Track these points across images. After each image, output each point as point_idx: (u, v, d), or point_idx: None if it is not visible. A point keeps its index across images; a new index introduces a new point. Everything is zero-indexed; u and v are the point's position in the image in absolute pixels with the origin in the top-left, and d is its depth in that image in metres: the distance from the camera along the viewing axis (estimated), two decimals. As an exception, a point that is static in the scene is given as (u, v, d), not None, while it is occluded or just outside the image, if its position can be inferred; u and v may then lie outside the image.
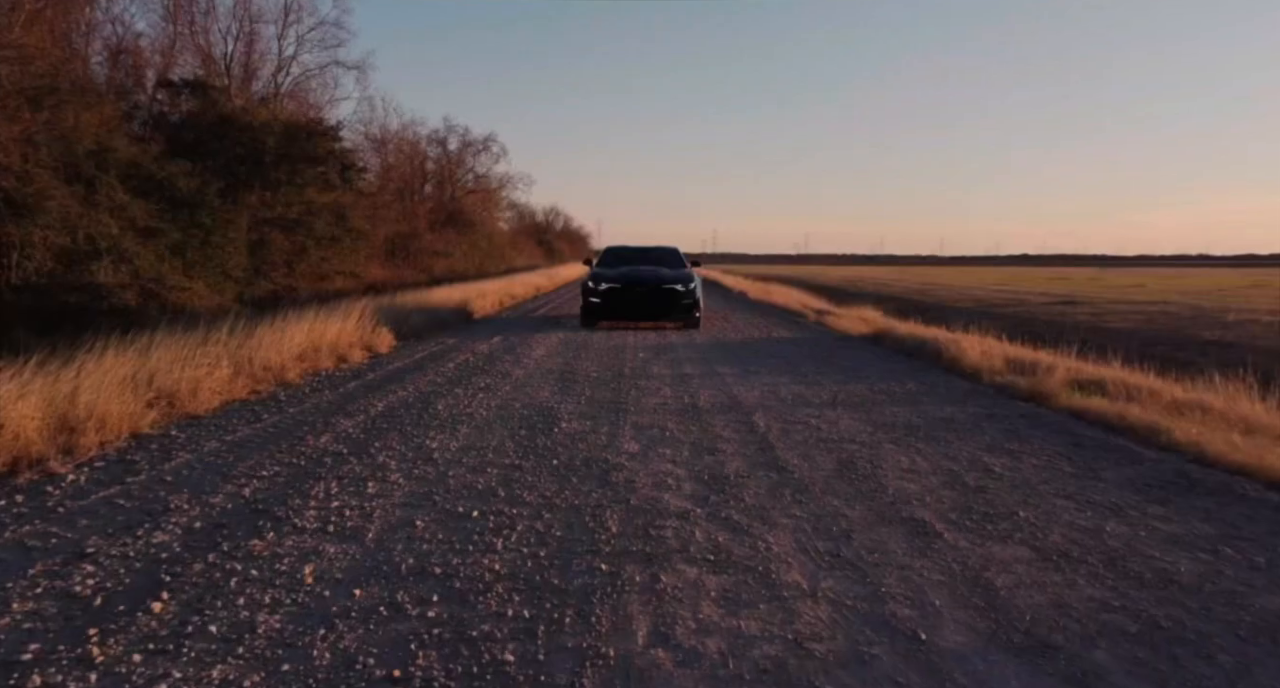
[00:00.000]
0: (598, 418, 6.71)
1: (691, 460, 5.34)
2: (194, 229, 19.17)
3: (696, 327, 14.84)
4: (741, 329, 15.12)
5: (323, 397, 7.59)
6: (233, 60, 31.88)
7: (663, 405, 7.30)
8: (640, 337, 13.26)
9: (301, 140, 23.22)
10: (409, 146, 50.76)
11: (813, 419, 6.75)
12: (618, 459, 5.33)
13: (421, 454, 5.38)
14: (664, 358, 10.63)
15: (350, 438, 5.82)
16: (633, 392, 8.01)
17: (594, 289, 14.65)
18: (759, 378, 9.02)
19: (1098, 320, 23.96)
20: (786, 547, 3.74)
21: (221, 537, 3.71)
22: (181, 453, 5.31)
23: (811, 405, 7.40)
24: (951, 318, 21.98)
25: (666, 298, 14.54)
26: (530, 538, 3.81)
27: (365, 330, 11.70)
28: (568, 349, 11.53)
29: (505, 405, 7.23)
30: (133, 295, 16.22)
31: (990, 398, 7.97)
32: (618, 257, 16.28)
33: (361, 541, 3.72)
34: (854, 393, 8.09)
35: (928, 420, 6.76)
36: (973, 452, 5.66)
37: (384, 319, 13.19)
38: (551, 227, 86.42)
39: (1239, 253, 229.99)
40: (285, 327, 10.23)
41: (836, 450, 5.65)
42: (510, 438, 5.92)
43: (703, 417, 6.80)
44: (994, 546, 3.76)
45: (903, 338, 12.34)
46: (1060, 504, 4.42)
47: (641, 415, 6.83)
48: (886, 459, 5.41)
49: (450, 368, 9.61)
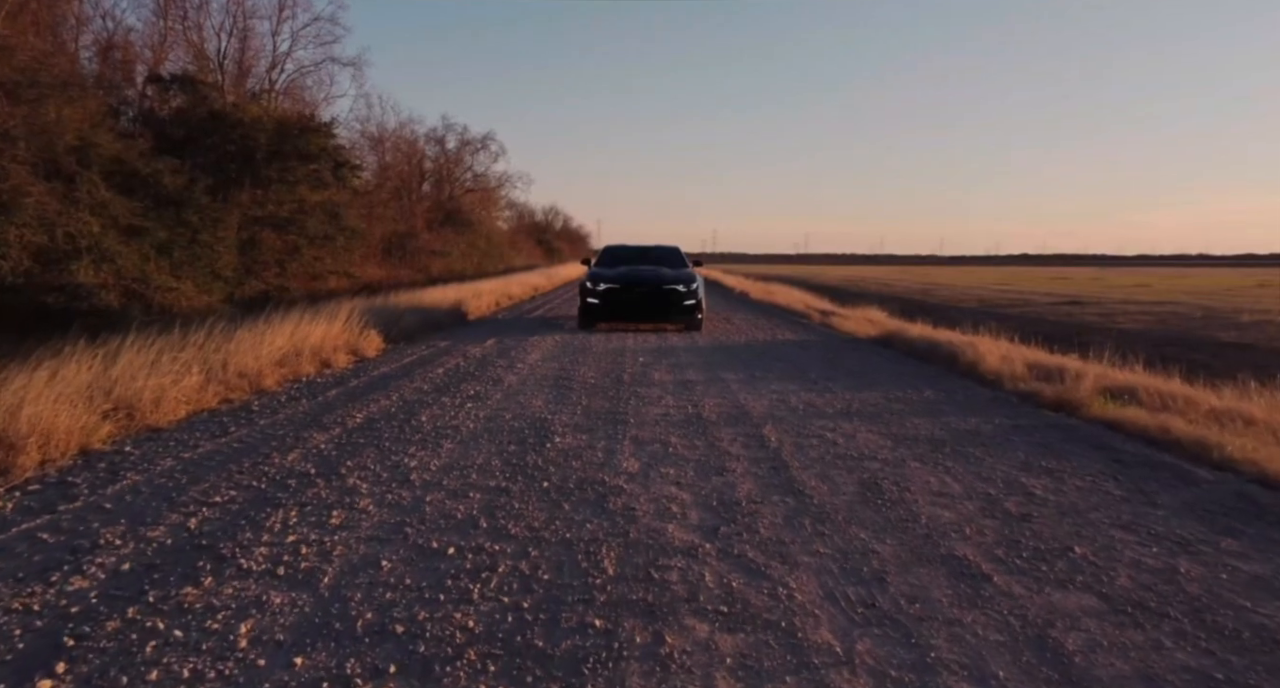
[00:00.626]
0: (594, 431, 6.17)
1: (698, 482, 4.80)
2: (181, 228, 18.64)
3: (699, 329, 14.31)
4: (745, 331, 14.58)
5: (299, 407, 7.05)
6: (226, 57, 31.33)
7: (665, 417, 6.76)
8: (640, 339, 12.72)
9: (294, 137, 22.66)
10: (407, 145, 50.25)
11: (827, 432, 6.22)
12: (615, 481, 4.79)
13: (398, 475, 4.84)
14: (665, 362, 10.09)
15: (321, 456, 5.28)
16: (632, 401, 7.48)
17: (592, 289, 14.12)
18: (766, 385, 8.48)
19: (1107, 321, 23.43)
20: (812, 594, 3.20)
21: (151, 583, 3.17)
22: (130, 474, 4.77)
23: (825, 416, 6.87)
24: (956, 319, 21.48)
25: (667, 299, 14.00)
26: (513, 583, 3.27)
27: (352, 333, 11.16)
28: (564, 353, 10.99)
29: (495, 417, 6.69)
30: (115, 296, 15.69)
31: (1014, 407, 7.43)
32: (617, 256, 15.75)
33: (315, 587, 3.18)
34: (869, 402, 7.56)
35: (952, 433, 6.22)
36: (1007, 471, 5.12)
37: (374, 321, 12.65)
38: (551, 226, 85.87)
39: (1239, 253, 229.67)
40: (267, 330, 9.71)
41: (857, 470, 5.11)
42: (498, 455, 5.38)
43: (708, 430, 6.26)
44: (1054, 593, 3.22)
45: (914, 341, 11.80)
46: (1119, 537, 3.89)
47: (642, 428, 6.29)
48: (913, 480, 4.87)
49: (439, 374, 9.07)
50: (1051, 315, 25.65)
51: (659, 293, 13.99)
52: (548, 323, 16.22)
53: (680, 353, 11.12)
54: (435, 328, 14.63)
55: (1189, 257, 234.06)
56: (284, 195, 23.25)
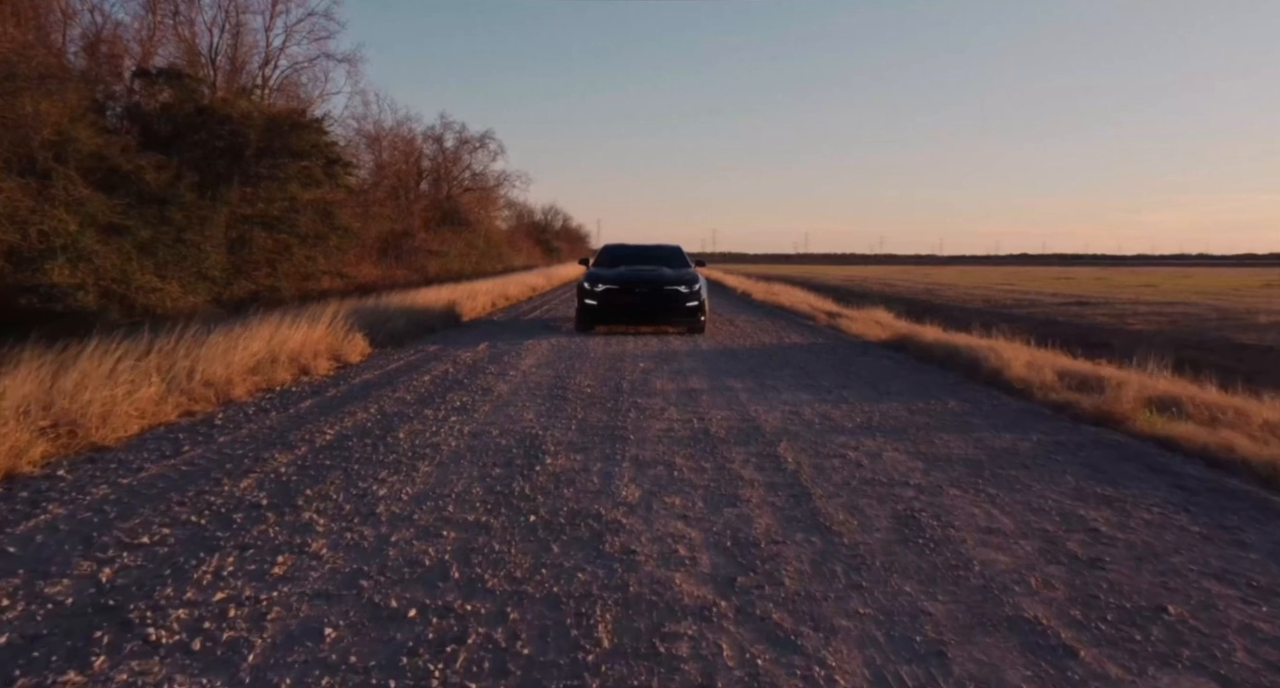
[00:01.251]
0: (590, 450, 5.54)
1: (708, 515, 4.17)
2: (165, 226, 18.00)
3: (701, 331, 13.67)
4: (750, 334, 13.95)
5: (266, 421, 6.41)
6: (218, 52, 30.73)
7: (668, 432, 6.13)
8: (641, 343, 12.09)
9: (284, 133, 22.02)
10: (404, 143, 49.70)
11: (849, 451, 5.58)
12: (613, 514, 4.16)
13: (362, 507, 4.21)
14: (667, 369, 9.46)
15: (279, 482, 4.65)
16: (632, 413, 6.84)
17: (590, 290, 13.49)
18: (777, 394, 7.85)
19: (1119, 322, 22.81)
20: (857, 677, 2.57)
21: (24, 667, 2.53)
22: (53, 506, 4.13)
23: (844, 431, 6.23)
24: (964, 320, 20.93)
25: (669, 300, 13.37)
26: (484, 660, 2.64)
27: (336, 337, 10.53)
28: (560, 358, 10.36)
29: (481, 433, 6.05)
30: (93, 297, 15.06)
31: (1050, 421, 6.79)
32: (616, 255, 15.12)
33: (234, 669, 2.54)
34: (890, 415, 6.92)
35: (988, 453, 5.59)
36: (1060, 500, 4.49)
37: (361, 323, 12.03)
38: (550, 226, 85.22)
39: (1238, 253, 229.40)
40: (244, 334, 9.08)
41: (889, 498, 4.48)
42: (480, 481, 4.75)
43: (717, 448, 5.62)
44: (1162, 678, 2.59)
45: (929, 345, 11.17)
46: (1216, 592, 3.25)
47: (643, 447, 5.65)
48: (956, 512, 4.24)
49: (425, 382, 8.44)
50: (1061, 316, 25.03)
51: (660, 294, 13.37)
52: (545, 325, 15.59)
53: (683, 358, 10.49)
54: (426, 331, 14.00)
55: (1189, 256, 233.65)
56: (274, 193, 22.60)
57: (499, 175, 58.80)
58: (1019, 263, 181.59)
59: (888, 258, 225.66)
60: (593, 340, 12.45)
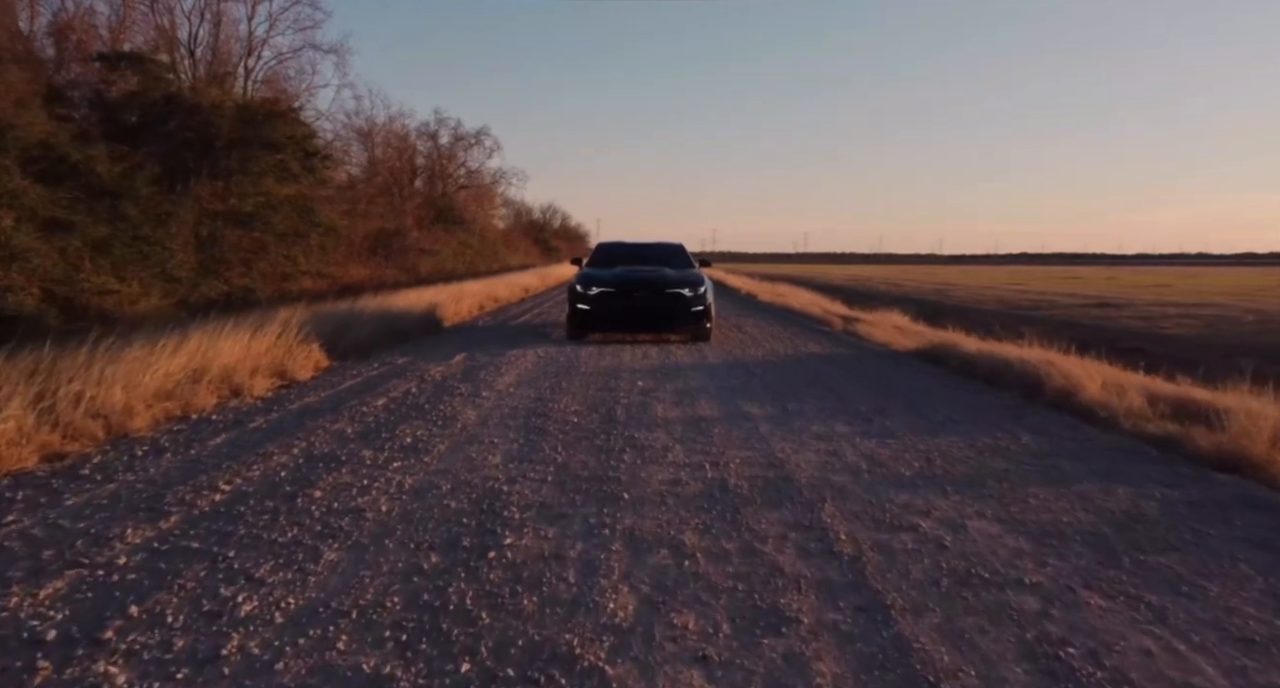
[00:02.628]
0: (569, 519, 4.07)
1: (741, 656, 2.69)
2: (121, 223, 16.53)
3: (707, 339, 12.19)
4: (760, 342, 12.47)
5: (151, 468, 4.93)
6: (198, 42, 29.26)
7: (674, 486, 4.66)
8: (639, 354, 10.62)
9: (257, 124, 20.55)
10: (398, 140, 48.33)
11: (920, 518, 4.11)
12: (591, 653, 2.68)
13: (207, 639, 2.73)
14: (670, 388, 7.99)
15: (103, 586, 3.16)
16: (628, 455, 5.37)
17: (583, 293, 12.01)
18: (805, 423, 6.38)
19: (1151, 326, 21.34)
20: None
21: None
22: None
23: (903, 483, 4.76)
24: (983, 322, 19.58)
25: (671, 304, 11.89)
26: None
27: (285, 349, 9.06)
28: (546, 374, 8.88)
29: (426, 488, 4.57)
30: (32, 300, 13.59)
31: (1162, 465, 5.31)
32: (612, 254, 13.64)
33: None
34: (954, 455, 5.45)
35: (1110, 521, 4.11)
36: (1261, 615, 3.02)
37: (325, 330, 10.58)
38: (549, 225, 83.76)
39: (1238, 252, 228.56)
40: (171, 345, 7.63)
41: (1005, 618, 3.00)
42: (402, 581, 3.27)
43: (741, 515, 4.15)
44: None
45: (971, 357, 9.68)
46: None
47: (641, 512, 4.18)
48: (1120, 648, 2.76)
49: (377, 407, 6.97)
50: (1085, 319, 23.57)
51: (661, 297, 11.89)
52: (533, 331, 14.11)
53: (688, 373, 9.01)
54: (400, 338, 12.52)
55: (1188, 255, 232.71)
56: (247, 188, 21.14)
57: (495, 173, 57.42)
58: (1020, 262, 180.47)
59: (887, 257, 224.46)
60: (585, 350, 10.97)
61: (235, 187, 20.94)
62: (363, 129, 43.48)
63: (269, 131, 20.37)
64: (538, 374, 8.88)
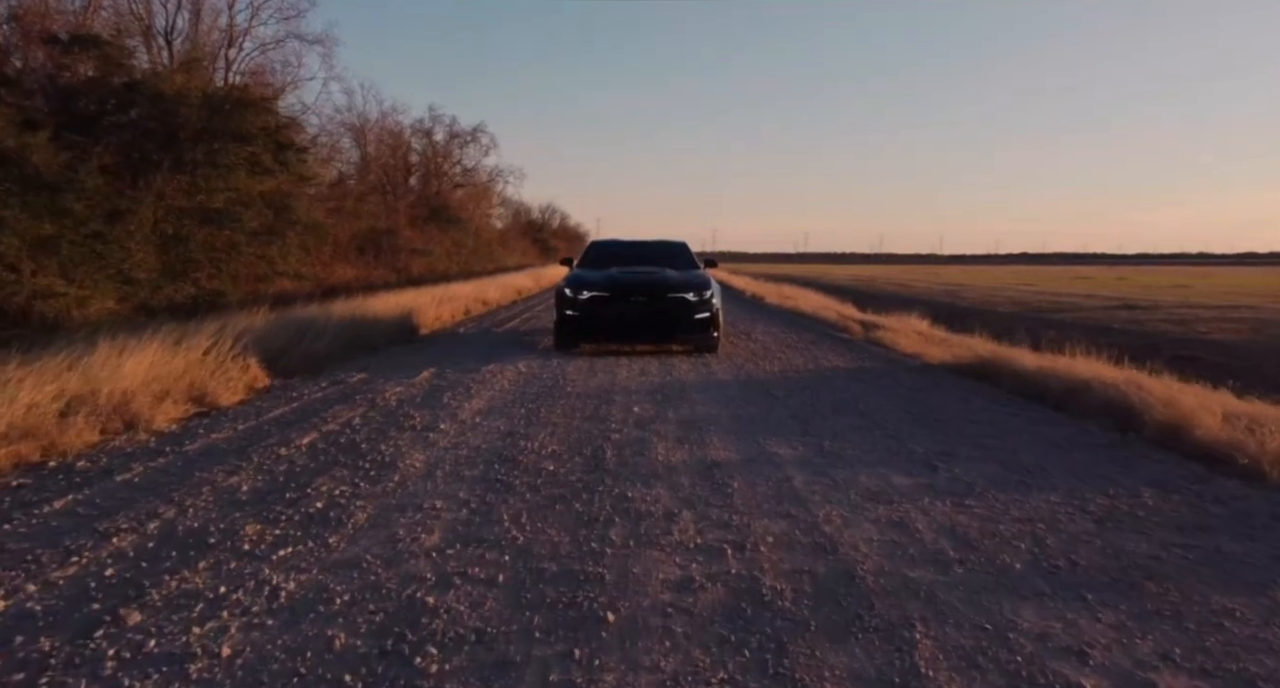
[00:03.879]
0: (517, 671, 2.54)
1: None
2: (65, 219, 14.98)
3: (714, 351, 10.67)
4: (775, 353, 10.93)
5: (-76, 561, 3.40)
6: (176, 33, 27.75)
7: (681, 593, 3.12)
8: (637, 369, 9.09)
9: (225, 113, 18.99)
10: (392, 137, 46.82)
11: (1077, 671, 2.58)
12: None
13: None
14: (673, 416, 6.46)
15: None
16: (616, 528, 3.84)
17: (572, 298, 10.47)
18: (851, 473, 4.85)
19: (1187, 331, 19.77)
20: None
21: None
22: None
23: (1020, 586, 3.22)
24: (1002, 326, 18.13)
25: (674, 311, 10.36)
26: None
27: (218, 365, 7.55)
28: (523, 397, 7.35)
29: (311, 601, 3.03)
30: (-47, 305, 12.06)
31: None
32: (607, 253, 12.12)
33: None
34: (1067, 526, 3.91)
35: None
36: None
37: (274, 342, 9.09)
38: (548, 224, 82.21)
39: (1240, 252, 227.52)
40: (55, 361, 6.15)
41: None
42: None
43: (789, 661, 2.61)
44: None
45: (1030, 376, 8.12)
46: None
47: (633, 656, 2.64)
48: None
49: (300, 448, 5.43)
50: (1114, 323, 22.01)
51: (661, 302, 10.36)
52: (518, 341, 12.58)
53: (694, 395, 7.48)
54: (364, 349, 11.00)
55: (1189, 255, 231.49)
56: (217, 183, 19.59)
57: (491, 171, 55.86)
58: (1021, 262, 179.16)
59: (888, 257, 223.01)
60: (573, 365, 9.45)
61: (203, 181, 19.40)
62: (355, 125, 41.96)
63: (238, 122, 18.82)
64: (514, 397, 7.35)
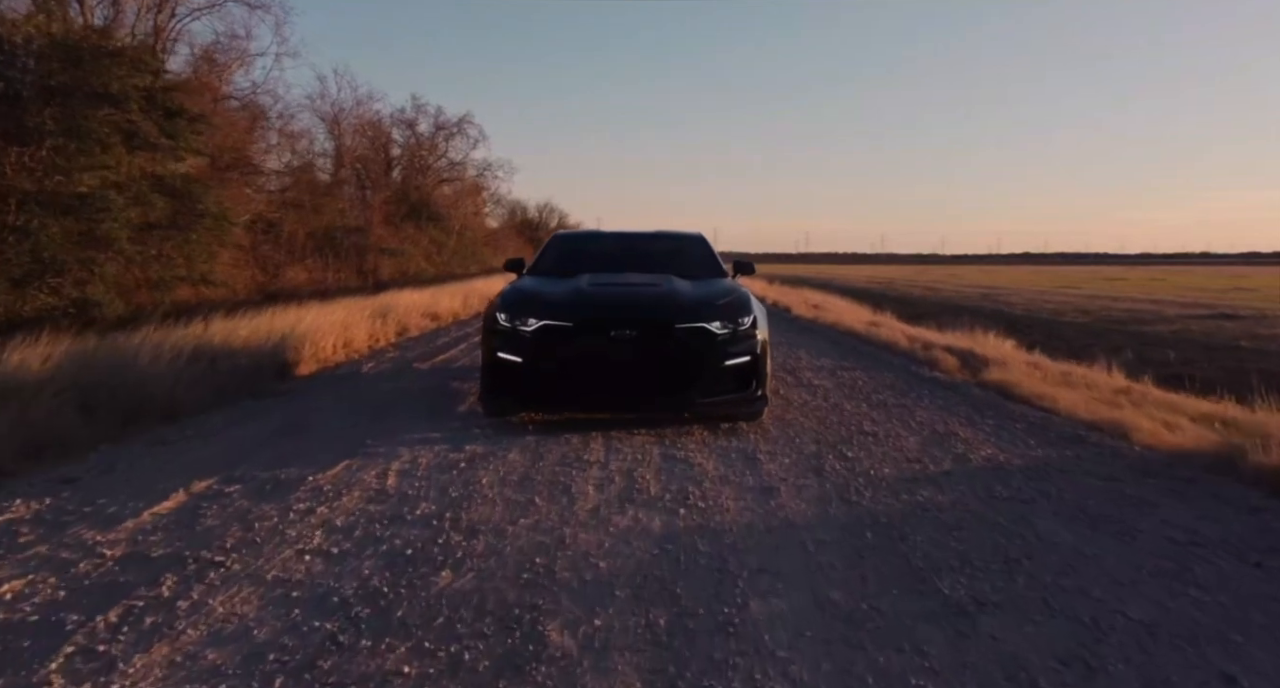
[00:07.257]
0: None
1: None
2: None
3: (758, 418, 6.17)
4: (852, 418, 6.42)
5: None
6: (88, -8, 23.08)
7: None
8: (622, 464, 4.59)
9: (83, 67, 14.44)
10: (370, 128, 42.07)
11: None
12: None
13: None
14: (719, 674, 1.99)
15: None
16: None
17: (509, 329, 5.94)
18: None
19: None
20: None
21: None
22: None
23: None
24: (1079, 343, 14.06)
25: (686, 351, 5.84)
26: None
27: None
28: (351, 573, 2.84)
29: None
30: None
31: None
32: (578, 254, 7.63)
33: None
34: None
35: None
36: None
37: None
38: (545, 224, 77.79)
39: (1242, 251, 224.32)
40: None
41: None
42: None
43: None
44: None
45: None
46: None
47: None
48: None
49: None
50: (1228, 337, 17.36)
51: (665, 338, 5.83)
52: (438, 388, 8.07)
53: (749, 586, 2.98)
54: (162, 411, 6.46)
55: (1192, 254, 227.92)
56: (80, 160, 14.96)
57: (480, 165, 50.99)
58: (1023, 262, 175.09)
59: (889, 257, 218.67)
60: (499, 460, 4.97)
61: (61, 158, 14.79)
62: (328, 114, 37.15)
63: (100, 77, 14.23)
64: (311, 595, 2.83)
